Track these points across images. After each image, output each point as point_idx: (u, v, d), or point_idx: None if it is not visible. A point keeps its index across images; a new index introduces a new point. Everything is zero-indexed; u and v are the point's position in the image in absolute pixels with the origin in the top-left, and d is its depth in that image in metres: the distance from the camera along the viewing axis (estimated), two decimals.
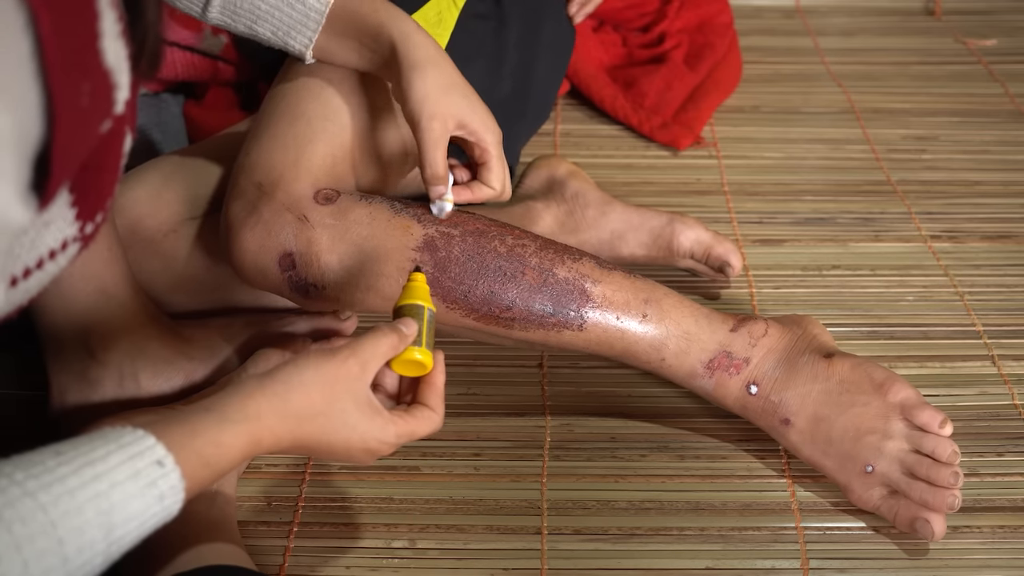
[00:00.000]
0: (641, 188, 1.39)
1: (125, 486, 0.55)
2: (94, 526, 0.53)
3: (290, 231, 0.89)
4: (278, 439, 0.66)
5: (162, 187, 1.03)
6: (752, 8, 1.88)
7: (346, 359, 0.69)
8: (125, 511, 0.55)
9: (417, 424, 0.74)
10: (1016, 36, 1.80)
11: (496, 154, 0.92)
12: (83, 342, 0.94)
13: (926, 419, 0.89)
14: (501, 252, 0.90)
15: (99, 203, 0.58)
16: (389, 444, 0.72)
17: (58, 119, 0.49)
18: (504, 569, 0.89)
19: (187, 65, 1.27)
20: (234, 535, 0.88)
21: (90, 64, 0.52)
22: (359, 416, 0.70)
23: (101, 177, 0.57)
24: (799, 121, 1.55)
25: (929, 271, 1.24)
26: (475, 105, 0.91)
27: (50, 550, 0.51)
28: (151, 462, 0.57)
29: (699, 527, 0.93)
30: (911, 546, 0.91)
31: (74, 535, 0.52)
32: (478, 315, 0.90)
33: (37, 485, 0.52)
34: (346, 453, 0.71)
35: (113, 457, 0.55)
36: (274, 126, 0.94)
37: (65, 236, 0.56)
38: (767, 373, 0.94)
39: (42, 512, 0.51)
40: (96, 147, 0.55)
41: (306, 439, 0.68)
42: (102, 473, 0.54)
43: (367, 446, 0.71)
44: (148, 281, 1.01)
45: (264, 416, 0.65)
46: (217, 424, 0.62)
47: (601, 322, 0.92)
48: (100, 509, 0.53)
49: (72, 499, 0.52)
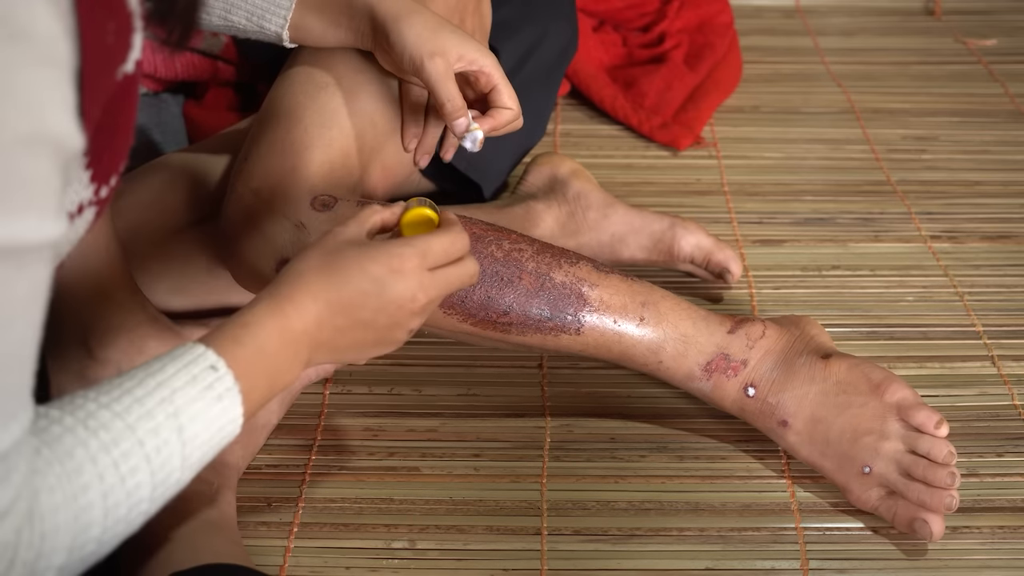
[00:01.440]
0: (641, 188, 1.39)
1: (186, 390, 0.59)
2: (166, 428, 0.58)
3: (287, 238, 0.89)
4: (302, 310, 0.66)
5: (164, 190, 1.03)
6: (752, 8, 1.88)
7: (344, 222, 0.71)
8: (189, 411, 0.59)
9: (439, 238, 0.71)
10: (1016, 36, 1.80)
11: (500, 76, 0.92)
12: (82, 341, 0.94)
13: (922, 420, 0.89)
14: (498, 257, 0.90)
15: (113, 165, 0.59)
16: (414, 271, 0.69)
17: (87, 54, 0.51)
18: (504, 570, 0.89)
19: (187, 65, 1.27)
20: (234, 535, 0.88)
21: (115, 4, 0.54)
22: (368, 251, 0.69)
23: (115, 139, 0.58)
24: (799, 121, 1.55)
25: (929, 271, 1.24)
26: (465, 37, 0.91)
27: (132, 451, 0.56)
28: (205, 367, 0.61)
29: (699, 528, 0.93)
30: (910, 546, 0.91)
31: (151, 436, 0.57)
32: (475, 320, 0.90)
33: (109, 399, 0.57)
34: (379, 311, 0.68)
35: (169, 367, 0.60)
36: (272, 132, 0.94)
37: (81, 199, 0.57)
38: (765, 375, 0.94)
39: (119, 419, 0.56)
40: (110, 102, 0.56)
41: (332, 305, 0.67)
42: (163, 381, 0.59)
43: (402, 290, 0.68)
44: (148, 282, 1.01)
45: (280, 286, 0.67)
46: (238, 315, 0.66)
47: (598, 326, 0.92)
48: (168, 412, 0.58)
49: (142, 406, 0.58)
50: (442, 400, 1.06)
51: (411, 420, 1.03)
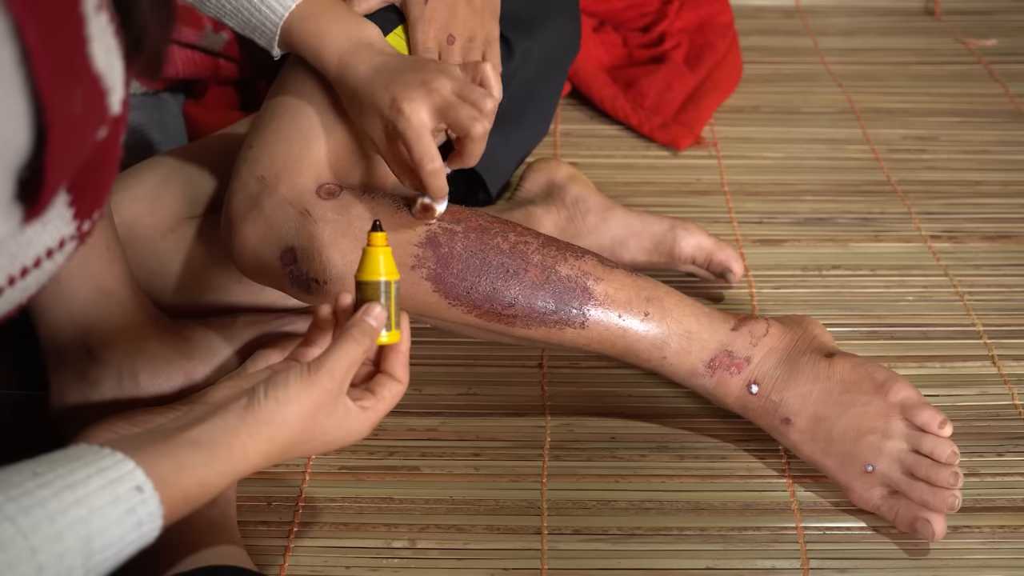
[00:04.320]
0: (641, 188, 1.39)
1: (105, 512, 0.55)
2: (74, 552, 0.53)
3: (292, 225, 0.89)
4: (258, 467, 0.67)
5: (161, 186, 1.03)
6: (752, 8, 1.88)
7: (324, 384, 0.69)
8: (104, 538, 0.55)
9: (385, 405, 0.74)
10: (1016, 36, 1.80)
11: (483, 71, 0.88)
12: (82, 341, 0.94)
13: (926, 419, 0.89)
14: (504, 249, 0.90)
15: (97, 201, 0.58)
16: (363, 434, 0.73)
17: (51, 127, 0.49)
18: (504, 569, 0.89)
19: (188, 62, 1.27)
20: (234, 535, 0.88)
21: (80, 70, 0.51)
22: (335, 429, 0.71)
23: (99, 176, 0.57)
24: (799, 121, 1.55)
25: (929, 271, 1.24)
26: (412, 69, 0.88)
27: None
28: (130, 488, 0.57)
29: (699, 527, 0.93)
30: (911, 546, 0.91)
31: (54, 561, 0.52)
32: (480, 312, 0.90)
33: (16, 509, 0.52)
34: (323, 452, 0.73)
35: (93, 481, 0.55)
36: (279, 119, 0.94)
37: (63, 235, 0.56)
38: (768, 372, 0.94)
39: (22, 538, 0.51)
40: (94, 150, 0.55)
41: (285, 459, 0.70)
42: (82, 498, 0.54)
43: (342, 444, 0.72)
44: (146, 280, 1.01)
45: (250, 457, 0.66)
46: (204, 464, 0.63)
47: (603, 320, 0.92)
48: (79, 536, 0.53)
49: (52, 525, 0.52)
50: (442, 399, 1.06)
51: (411, 419, 1.03)
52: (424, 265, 0.89)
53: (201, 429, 0.65)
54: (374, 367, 0.77)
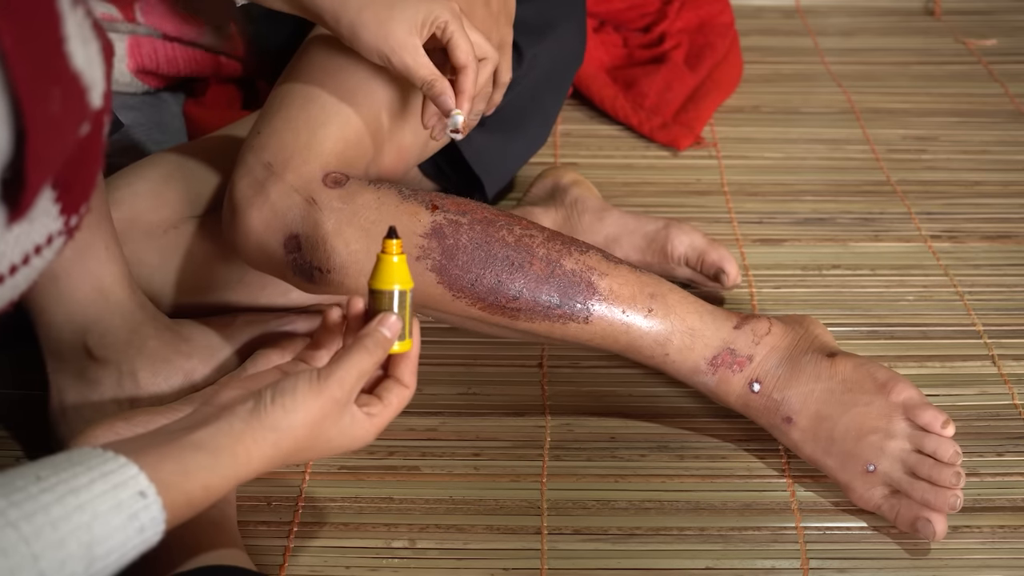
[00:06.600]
0: (641, 188, 1.39)
1: (107, 517, 0.55)
2: (76, 558, 0.53)
3: (297, 213, 0.89)
4: (260, 472, 0.67)
5: (163, 183, 1.03)
6: (752, 8, 1.88)
7: (333, 393, 0.68)
8: (106, 544, 0.55)
9: (392, 410, 0.74)
10: (1016, 36, 1.80)
11: (457, 26, 0.90)
12: (81, 341, 0.94)
13: (928, 419, 0.89)
14: (509, 241, 0.90)
15: (83, 196, 0.58)
16: (369, 440, 0.73)
17: (30, 128, 0.49)
18: (504, 569, 0.89)
19: (189, 61, 1.26)
20: (234, 535, 0.88)
21: (58, 69, 0.51)
22: (340, 436, 0.71)
23: (84, 171, 0.57)
24: (799, 121, 1.55)
25: (929, 271, 1.24)
26: (417, 4, 0.90)
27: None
28: (133, 493, 0.57)
29: (699, 527, 0.93)
30: (911, 546, 0.91)
31: (56, 568, 0.52)
32: (484, 304, 0.89)
33: (19, 514, 0.52)
34: (328, 456, 0.73)
35: (96, 486, 0.55)
36: (287, 107, 0.94)
37: (50, 231, 0.56)
38: (770, 371, 0.94)
39: (24, 544, 0.51)
40: (77, 146, 0.55)
41: (288, 464, 0.70)
42: (85, 503, 0.54)
43: (346, 450, 0.72)
44: (146, 277, 1.01)
45: (253, 462, 0.66)
46: (208, 468, 0.63)
47: (607, 315, 0.92)
48: (82, 542, 0.53)
49: (55, 531, 0.52)
50: (442, 399, 1.06)
51: (411, 419, 1.03)
52: (429, 256, 0.88)
53: (205, 432, 0.64)
54: (382, 371, 0.77)
